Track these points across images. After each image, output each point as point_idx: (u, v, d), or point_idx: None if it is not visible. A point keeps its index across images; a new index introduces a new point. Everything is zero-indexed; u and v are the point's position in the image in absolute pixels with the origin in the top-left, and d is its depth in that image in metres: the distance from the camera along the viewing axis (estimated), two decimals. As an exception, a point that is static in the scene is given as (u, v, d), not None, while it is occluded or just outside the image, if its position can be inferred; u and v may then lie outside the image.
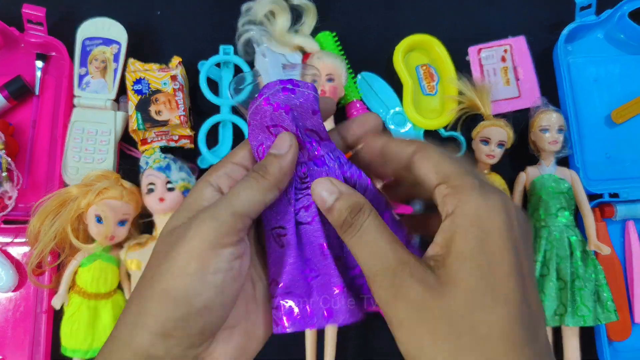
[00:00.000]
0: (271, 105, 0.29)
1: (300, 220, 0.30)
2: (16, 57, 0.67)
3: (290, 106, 0.29)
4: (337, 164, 0.31)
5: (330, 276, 0.29)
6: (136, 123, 0.61)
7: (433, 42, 0.69)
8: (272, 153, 0.28)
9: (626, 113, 0.69)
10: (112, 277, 0.60)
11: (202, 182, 0.29)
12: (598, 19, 0.69)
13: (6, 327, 0.61)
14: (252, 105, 0.30)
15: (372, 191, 0.32)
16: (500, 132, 0.63)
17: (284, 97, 0.29)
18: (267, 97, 0.29)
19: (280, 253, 0.30)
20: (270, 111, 0.29)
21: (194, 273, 0.25)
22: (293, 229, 0.30)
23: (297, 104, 0.29)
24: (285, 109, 0.29)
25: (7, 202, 0.60)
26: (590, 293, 0.58)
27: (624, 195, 0.66)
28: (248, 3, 0.67)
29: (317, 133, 0.31)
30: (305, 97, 0.30)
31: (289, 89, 0.29)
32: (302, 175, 0.30)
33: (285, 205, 0.30)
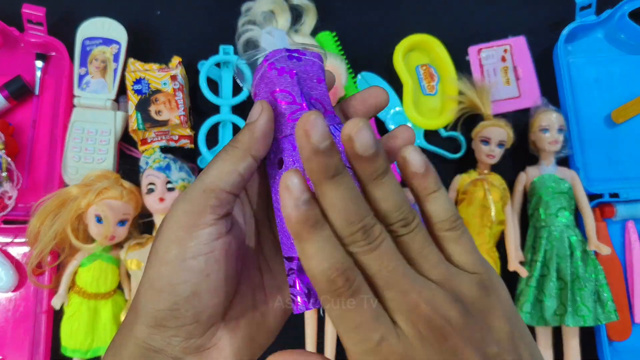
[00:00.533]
0: (276, 70, 0.28)
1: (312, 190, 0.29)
2: (16, 57, 0.67)
3: (296, 71, 0.28)
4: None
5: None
6: (136, 123, 0.61)
7: (433, 42, 0.69)
8: (246, 123, 0.27)
9: (626, 113, 0.69)
10: (112, 277, 0.60)
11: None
12: (598, 19, 0.69)
13: (6, 327, 0.61)
14: (257, 73, 0.29)
15: None
16: (501, 132, 0.63)
17: (289, 62, 0.28)
18: (272, 62, 0.28)
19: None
20: (275, 75, 0.28)
21: (173, 260, 0.25)
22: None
23: (302, 71, 0.28)
24: (290, 73, 0.28)
25: (7, 202, 0.60)
26: (590, 293, 0.58)
27: (624, 195, 0.66)
28: (248, 3, 0.67)
29: (322, 104, 0.30)
30: (311, 65, 0.29)
31: (294, 56, 0.28)
32: None
33: None
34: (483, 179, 0.62)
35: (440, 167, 0.68)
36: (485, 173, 0.64)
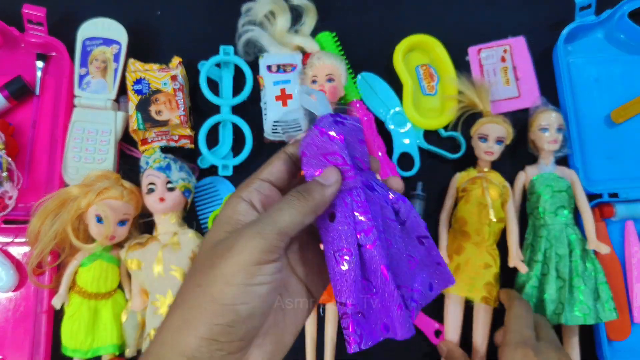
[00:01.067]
0: (327, 135, 0.32)
1: (361, 243, 0.32)
2: (16, 57, 0.67)
3: (344, 135, 0.32)
4: (383, 190, 0.34)
5: (390, 296, 0.32)
6: (136, 123, 0.61)
7: (433, 42, 0.69)
8: (319, 181, 0.31)
9: (626, 113, 0.69)
10: (112, 277, 0.60)
11: (234, 198, 0.31)
12: (598, 19, 0.69)
13: (6, 327, 0.61)
14: (307, 137, 0.33)
15: (414, 215, 0.35)
16: (499, 128, 0.63)
17: (337, 127, 0.32)
18: (322, 128, 0.32)
19: (342, 274, 0.32)
20: (327, 141, 0.32)
21: (241, 284, 0.28)
22: (355, 251, 0.32)
23: (347, 134, 0.32)
24: (339, 138, 0.32)
25: (8, 202, 0.60)
26: (589, 291, 0.59)
27: (623, 195, 0.66)
28: (248, 3, 0.67)
29: (362, 162, 0.34)
30: (353, 128, 0.33)
31: (339, 121, 0.32)
32: (360, 200, 0.32)
33: (344, 228, 0.32)
34: (482, 177, 0.62)
35: (440, 167, 0.68)
36: (484, 171, 0.64)
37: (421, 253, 0.35)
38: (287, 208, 0.30)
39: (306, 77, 0.62)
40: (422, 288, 0.35)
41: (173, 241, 0.58)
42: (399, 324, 0.31)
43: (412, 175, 0.66)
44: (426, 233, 0.36)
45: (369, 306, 0.32)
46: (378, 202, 0.33)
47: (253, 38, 0.66)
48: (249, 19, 0.67)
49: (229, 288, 0.27)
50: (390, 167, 0.65)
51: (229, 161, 0.65)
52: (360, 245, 0.32)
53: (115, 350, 0.58)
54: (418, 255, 0.35)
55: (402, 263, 0.33)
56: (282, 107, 0.63)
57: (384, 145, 0.65)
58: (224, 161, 0.65)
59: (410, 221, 0.35)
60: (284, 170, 0.33)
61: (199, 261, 0.30)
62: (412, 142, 0.67)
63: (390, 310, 0.32)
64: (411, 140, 0.67)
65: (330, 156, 0.32)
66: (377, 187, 0.34)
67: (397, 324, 0.31)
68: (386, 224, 0.33)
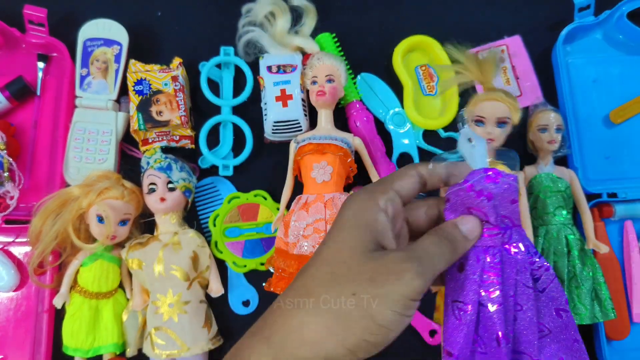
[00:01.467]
0: (475, 192, 0.32)
1: (482, 302, 0.32)
2: (17, 57, 0.67)
3: (493, 194, 0.31)
4: (526, 253, 0.33)
5: (499, 358, 0.31)
6: (137, 123, 0.62)
7: (432, 43, 0.69)
8: (464, 234, 0.32)
9: (625, 113, 0.69)
10: (113, 277, 0.60)
11: (372, 204, 0.31)
12: (597, 20, 0.69)
13: (7, 327, 0.61)
14: (454, 187, 0.33)
15: (556, 285, 0.34)
16: (498, 106, 0.49)
17: (486, 185, 0.31)
18: (472, 184, 0.32)
19: (456, 325, 0.32)
20: (474, 197, 0.32)
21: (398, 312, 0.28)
22: (475, 306, 0.32)
23: (497, 193, 0.32)
24: (487, 196, 0.31)
25: (9, 202, 0.61)
26: (587, 291, 0.59)
27: (622, 195, 0.66)
28: (248, 4, 0.68)
29: (511, 220, 0.33)
30: (506, 188, 0.32)
31: (491, 177, 0.32)
32: (495, 261, 0.32)
33: (472, 284, 0.32)
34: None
35: (440, 167, 0.68)
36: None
37: (557, 325, 0.35)
38: (439, 254, 0.30)
39: (306, 78, 0.62)
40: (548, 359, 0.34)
41: (174, 241, 0.59)
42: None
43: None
44: (566, 307, 0.35)
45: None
46: (515, 265, 0.33)
47: (253, 39, 0.67)
48: (249, 20, 0.67)
49: (389, 313, 0.28)
50: (390, 167, 0.65)
51: (229, 161, 0.65)
52: (481, 304, 0.32)
53: (116, 349, 0.59)
54: (553, 327, 0.35)
55: (530, 330, 0.33)
56: (282, 108, 0.63)
57: (384, 146, 0.66)
58: (225, 161, 0.65)
59: (550, 290, 0.35)
60: (413, 189, 0.33)
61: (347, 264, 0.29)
62: (412, 142, 0.68)
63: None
64: (410, 141, 0.68)
65: (474, 210, 0.32)
66: (520, 250, 0.33)
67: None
68: (519, 288, 0.33)
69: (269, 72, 0.65)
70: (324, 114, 0.62)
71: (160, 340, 0.56)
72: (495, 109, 0.49)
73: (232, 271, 0.63)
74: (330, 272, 0.29)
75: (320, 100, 0.61)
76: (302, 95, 0.64)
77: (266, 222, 0.64)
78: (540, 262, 0.34)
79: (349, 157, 0.60)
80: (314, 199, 0.58)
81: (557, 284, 0.35)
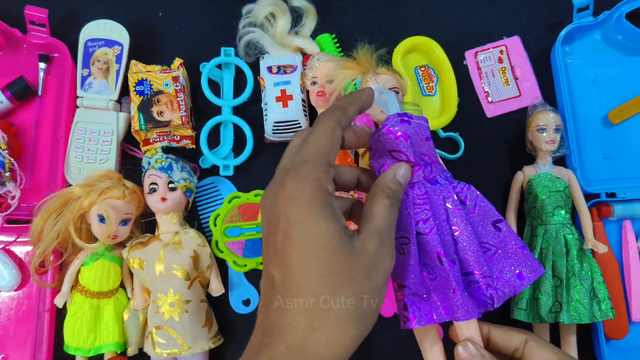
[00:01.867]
0: (393, 134, 0.35)
1: (419, 231, 0.35)
2: (19, 58, 0.67)
3: (409, 134, 0.35)
4: (447, 182, 0.37)
5: (447, 279, 0.34)
6: (138, 123, 0.62)
7: (431, 43, 0.70)
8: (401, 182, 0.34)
9: (623, 114, 0.69)
10: (114, 276, 0.60)
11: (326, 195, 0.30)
12: (595, 20, 0.70)
13: (9, 326, 0.61)
14: (375, 134, 0.36)
15: (482, 201, 0.38)
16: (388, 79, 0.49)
17: (402, 126, 0.35)
18: (389, 128, 0.35)
19: (402, 259, 0.35)
20: (392, 139, 0.35)
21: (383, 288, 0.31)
22: (414, 238, 0.35)
23: (413, 133, 0.35)
24: (404, 136, 0.35)
25: (10, 202, 0.61)
26: (586, 291, 0.59)
27: (620, 195, 0.66)
28: (249, 5, 0.68)
29: (429, 157, 0.37)
30: (419, 127, 0.36)
31: (405, 120, 0.35)
32: (420, 193, 0.36)
33: (407, 218, 0.35)
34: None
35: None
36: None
37: (500, 239, 0.37)
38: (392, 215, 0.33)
39: (306, 78, 0.63)
40: (507, 276, 0.36)
41: (174, 240, 0.59)
42: (457, 307, 0.34)
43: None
44: (499, 217, 0.37)
45: (425, 289, 0.36)
46: (440, 192, 0.36)
47: (254, 39, 0.67)
48: (249, 21, 0.68)
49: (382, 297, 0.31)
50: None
51: (230, 161, 0.65)
52: (418, 233, 0.35)
53: (117, 348, 0.59)
54: (496, 242, 0.37)
55: (472, 249, 0.35)
56: (282, 108, 0.63)
57: (384, 146, 0.66)
58: (225, 161, 0.65)
59: (480, 208, 0.38)
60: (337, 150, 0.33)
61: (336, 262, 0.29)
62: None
63: (447, 294, 0.34)
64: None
65: (395, 153, 0.35)
66: (442, 180, 0.37)
67: (455, 307, 0.34)
68: (450, 212, 0.36)
69: (269, 73, 0.65)
70: (324, 114, 0.62)
71: (161, 339, 0.56)
72: (385, 81, 0.52)
73: (232, 271, 0.64)
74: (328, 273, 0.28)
75: (320, 100, 0.61)
76: (302, 95, 0.64)
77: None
78: (461, 185, 0.37)
79: (348, 157, 0.61)
80: (314, 198, 0.58)
81: (483, 199, 0.38)
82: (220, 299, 0.62)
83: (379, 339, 0.63)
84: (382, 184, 0.33)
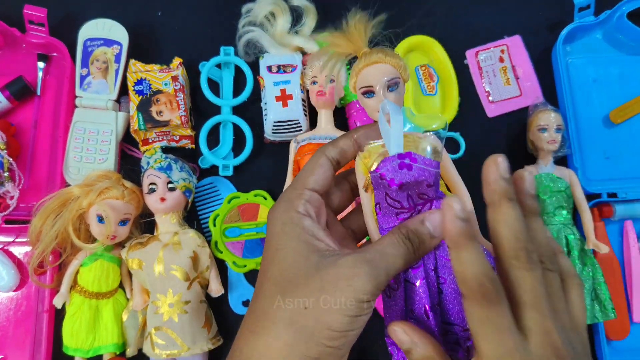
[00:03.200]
0: (386, 181, 0.31)
1: (408, 279, 0.33)
2: (18, 57, 0.67)
3: (404, 183, 0.31)
4: None
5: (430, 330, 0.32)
6: (137, 123, 0.62)
7: (431, 42, 0.69)
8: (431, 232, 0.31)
9: (625, 113, 0.69)
10: (113, 277, 0.60)
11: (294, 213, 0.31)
12: (597, 20, 0.69)
13: (8, 327, 0.61)
14: (372, 172, 0.33)
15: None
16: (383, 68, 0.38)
17: (399, 172, 0.31)
18: (383, 173, 0.31)
19: (390, 304, 0.34)
20: (386, 185, 0.32)
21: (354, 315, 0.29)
22: (402, 286, 0.33)
23: (412, 180, 0.31)
24: (399, 185, 0.31)
25: (9, 202, 0.61)
26: (587, 292, 0.59)
27: (622, 195, 0.66)
28: (248, 4, 0.68)
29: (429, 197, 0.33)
30: (421, 173, 0.31)
31: (406, 164, 0.31)
32: None
33: None
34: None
35: (440, 167, 0.68)
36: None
37: None
38: (397, 255, 0.30)
39: (306, 78, 0.63)
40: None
41: (174, 241, 0.59)
42: None
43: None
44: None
45: None
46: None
47: (253, 39, 0.67)
48: (249, 20, 0.67)
49: (343, 318, 0.28)
50: (390, 167, 0.65)
51: (229, 161, 0.65)
52: (407, 281, 0.33)
53: (116, 349, 0.59)
54: None
55: (456, 301, 0.33)
56: (282, 108, 0.63)
57: (384, 146, 0.66)
58: (225, 161, 0.65)
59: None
60: (328, 177, 0.33)
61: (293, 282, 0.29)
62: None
63: None
64: (411, 141, 0.68)
65: (389, 199, 0.33)
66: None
67: None
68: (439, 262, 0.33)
69: (269, 72, 0.65)
70: (324, 114, 0.62)
71: (160, 340, 0.56)
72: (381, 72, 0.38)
73: (232, 271, 0.63)
74: (280, 291, 0.30)
75: (321, 100, 0.61)
76: (302, 95, 0.64)
77: (266, 222, 0.63)
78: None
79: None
80: (314, 199, 0.58)
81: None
82: (220, 299, 0.62)
83: (379, 339, 0.63)
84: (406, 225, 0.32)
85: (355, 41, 0.43)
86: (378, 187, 0.33)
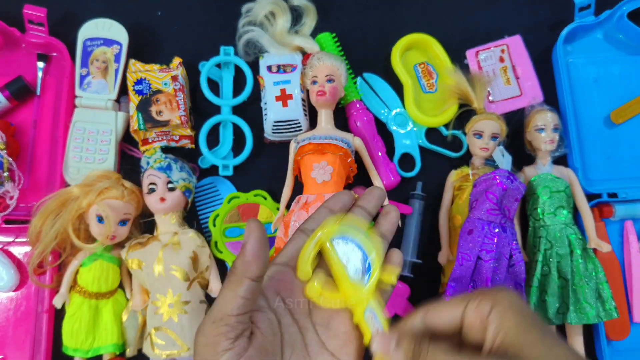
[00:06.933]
0: (496, 181, 0.56)
1: (481, 257, 0.55)
2: (17, 57, 0.67)
3: (506, 187, 0.55)
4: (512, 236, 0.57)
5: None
6: (137, 123, 0.62)
7: (430, 40, 0.69)
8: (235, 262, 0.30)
9: (625, 113, 0.69)
10: (113, 277, 0.60)
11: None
12: (597, 20, 0.69)
13: (7, 327, 0.61)
14: (484, 176, 0.57)
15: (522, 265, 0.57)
16: (493, 124, 0.63)
17: (506, 181, 0.56)
18: (498, 176, 0.56)
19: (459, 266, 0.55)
20: (494, 184, 0.56)
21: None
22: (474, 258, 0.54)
23: (509, 188, 0.56)
24: (503, 187, 0.55)
25: (9, 202, 0.61)
26: (592, 290, 0.59)
27: (622, 195, 0.66)
28: (248, 4, 0.68)
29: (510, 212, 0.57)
30: (516, 189, 0.57)
31: (510, 177, 0.56)
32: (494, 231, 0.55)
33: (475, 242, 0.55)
34: (475, 174, 0.62)
35: (442, 165, 0.68)
36: (478, 168, 0.64)
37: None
38: (220, 290, 0.29)
39: (306, 78, 0.62)
40: None
41: (173, 241, 0.59)
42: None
43: (413, 175, 0.67)
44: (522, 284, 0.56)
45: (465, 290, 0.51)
46: (504, 241, 0.55)
47: (253, 38, 0.67)
48: (249, 20, 0.67)
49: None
50: (390, 167, 0.65)
51: (229, 161, 0.65)
52: (479, 258, 0.53)
53: (116, 349, 0.58)
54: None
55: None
56: (282, 108, 0.63)
57: (384, 146, 0.66)
58: (225, 161, 0.65)
59: (517, 268, 0.56)
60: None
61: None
62: (413, 142, 0.68)
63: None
64: (412, 141, 0.68)
65: (489, 193, 0.56)
66: (509, 233, 0.57)
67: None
68: (500, 257, 0.54)
69: (269, 72, 0.64)
70: (324, 113, 0.62)
71: (160, 340, 0.56)
72: (490, 126, 0.64)
73: (232, 271, 0.63)
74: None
75: (321, 100, 0.61)
76: (302, 95, 0.64)
77: (266, 222, 0.63)
78: (516, 245, 0.57)
79: (349, 157, 0.60)
80: (314, 199, 0.58)
81: (523, 265, 0.57)
82: (220, 299, 0.61)
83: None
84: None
85: (477, 95, 0.66)
86: (482, 186, 0.56)
